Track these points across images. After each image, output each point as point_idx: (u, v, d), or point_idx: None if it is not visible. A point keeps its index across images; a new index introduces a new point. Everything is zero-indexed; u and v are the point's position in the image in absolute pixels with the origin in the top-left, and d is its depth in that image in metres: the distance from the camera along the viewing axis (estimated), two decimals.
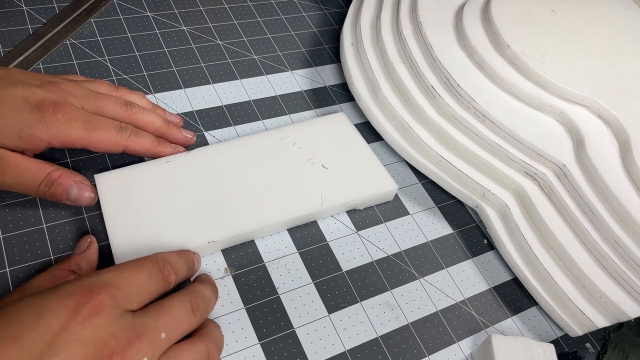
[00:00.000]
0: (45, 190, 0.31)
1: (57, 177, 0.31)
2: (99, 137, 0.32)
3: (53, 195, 0.32)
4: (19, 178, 0.31)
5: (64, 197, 0.32)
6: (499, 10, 0.43)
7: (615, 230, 0.35)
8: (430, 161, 0.40)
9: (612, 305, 0.34)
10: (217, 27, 0.49)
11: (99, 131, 0.32)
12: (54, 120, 0.31)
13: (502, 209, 0.39)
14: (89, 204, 0.33)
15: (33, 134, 0.30)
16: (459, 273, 0.38)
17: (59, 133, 0.31)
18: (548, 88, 0.40)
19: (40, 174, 0.31)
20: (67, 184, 0.32)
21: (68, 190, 0.32)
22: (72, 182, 0.32)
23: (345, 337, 0.33)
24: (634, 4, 0.50)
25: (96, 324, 0.22)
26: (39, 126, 0.30)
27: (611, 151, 0.38)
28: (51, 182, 0.31)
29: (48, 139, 0.31)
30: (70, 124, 0.31)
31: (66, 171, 0.32)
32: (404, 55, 0.43)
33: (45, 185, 0.31)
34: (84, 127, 0.32)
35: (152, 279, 0.26)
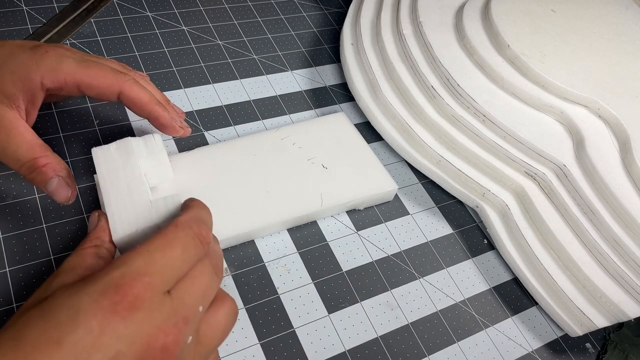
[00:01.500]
0: (26, 173, 0.30)
1: (42, 166, 0.30)
2: (91, 74, 0.31)
3: (33, 180, 0.30)
4: (6, 150, 0.29)
5: (42, 187, 0.30)
6: (499, 10, 0.43)
7: (615, 230, 0.35)
8: (430, 161, 0.40)
9: (612, 305, 0.34)
10: (217, 27, 0.49)
11: (92, 68, 0.31)
12: (46, 57, 0.30)
13: (502, 209, 0.39)
14: (64, 202, 0.31)
15: (25, 76, 0.29)
16: (459, 273, 0.38)
17: (50, 68, 0.30)
18: (548, 88, 0.40)
19: (26, 155, 0.29)
20: (49, 175, 0.30)
21: (48, 182, 0.30)
22: (54, 175, 0.30)
23: (345, 337, 0.33)
24: (634, 4, 0.50)
25: (138, 319, 0.21)
26: (30, 65, 0.29)
27: (611, 151, 0.38)
28: (34, 168, 0.30)
29: (39, 78, 0.30)
30: (62, 60, 0.30)
31: (54, 162, 0.30)
32: (404, 55, 0.43)
33: (27, 168, 0.30)
34: (76, 63, 0.31)
35: (188, 250, 0.24)
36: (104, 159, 0.32)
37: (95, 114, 0.39)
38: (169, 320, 0.22)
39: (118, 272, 0.22)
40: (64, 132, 0.38)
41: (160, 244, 0.23)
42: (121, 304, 0.21)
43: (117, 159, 0.32)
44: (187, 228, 0.25)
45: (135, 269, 0.22)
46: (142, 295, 0.21)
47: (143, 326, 0.21)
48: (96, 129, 0.39)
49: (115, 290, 0.21)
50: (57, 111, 0.39)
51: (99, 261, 0.26)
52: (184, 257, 0.24)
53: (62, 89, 0.31)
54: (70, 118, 0.39)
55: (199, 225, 0.25)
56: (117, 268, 0.22)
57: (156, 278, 0.22)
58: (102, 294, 0.21)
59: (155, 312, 0.22)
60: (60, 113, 0.39)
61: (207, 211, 0.28)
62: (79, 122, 0.39)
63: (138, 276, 0.22)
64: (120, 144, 0.32)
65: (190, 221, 0.25)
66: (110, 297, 0.21)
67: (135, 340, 0.21)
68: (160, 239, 0.24)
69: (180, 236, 0.24)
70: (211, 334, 0.24)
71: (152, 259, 0.23)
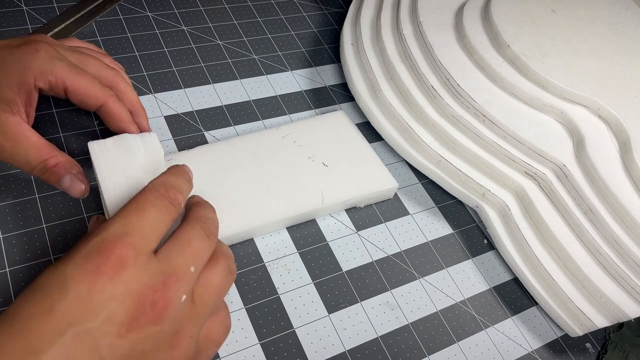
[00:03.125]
0: (39, 175, 0.31)
1: (53, 166, 0.31)
2: (81, 82, 0.32)
3: (47, 180, 0.32)
4: (16, 156, 0.30)
5: (57, 185, 0.32)
6: (499, 10, 0.43)
7: (615, 230, 0.35)
8: (430, 161, 0.40)
9: (612, 305, 0.34)
10: (217, 27, 0.49)
11: (83, 77, 0.32)
12: (37, 57, 0.31)
13: (502, 209, 0.39)
14: (80, 196, 0.32)
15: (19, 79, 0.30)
16: (459, 273, 0.38)
17: (42, 70, 0.31)
18: (548, 88, 0.40)
19: (36, 158, 0.31)
20: (61, 174, 0.31)
21: (61, 180, 0.31)
22: (66, 173, 0.31)
23: (345, 337, 0.33)
24: (634, 4, 0.50)
25: (125, 278, 0.22)
26: (21, 67, 0.30)
27: (611, 151, 0.38)
28: (46, 169, 0.31)
29: (32, 80, 0.31)
30: (54, 62, 0.31)
31: (63, 160, 0.31)
32: (404, 55, 0.43)
33: (39, 170, 0.31)
34: (68, 68, 0.32)
35: (160, 211, 0.25)
36: (101, 153, 0.32)
37: (95, 114, 0.39)
38: (157, 278, 0.22)
39: (99, 238, 0.22)
40: (64, 132, 0.38)
41: (133, 208, 0.24)
42: (106, 265, 0.21)
43: (114, 154, 0.32)
44: (155, 191, 0.25)
45: (114, 232, 0.23)
46: (126, 254, 0.22)
47: (131, 284, 0.22)
48: (96, 129, 0.39)
49: (98, 254, 0.22)
50: (57, 111, 0.39)
51: None
52: (158, 217, 0.24)
53: (51, 89, 0.32)
54: (70, 118, 0.39)
55: (167, 188, 0.26)
56: (97, 235, 0.23)
57: (136, 238, 0.23)
58: (86, 259, 0.22)
59: (141, 270, 0.22)
60: (60, 113, 0.39)
61: (180, 176, 0.28)
62: (79, 122, 0.39)
63: (118, 238, 0.22)
64: (117, 139, 0.33)
65: (158, 185, 0.26)
66: (94, 260, 0.22)
67: (125, 298, 0.21)
68: (132, 204, 0.25)
69: (150, 199, 0.25)
70: (206, 293, 0.25)
71: (128, 221, 0.23)
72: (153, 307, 0.22)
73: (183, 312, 0.23)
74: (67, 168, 0.31)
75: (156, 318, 0.22)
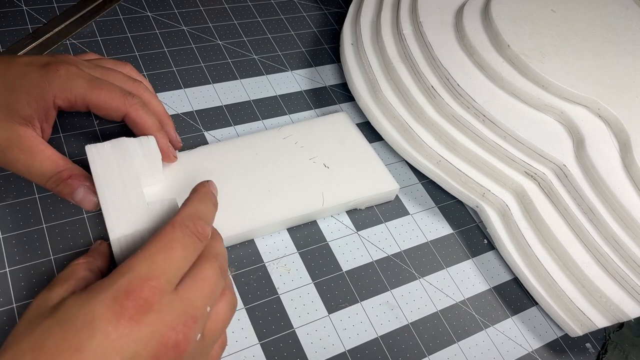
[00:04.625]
0: (53, 187, 0.32)
1: (67, 178, 0.31)
2: (100, 96, 0.32)
3: (60, 193, 0.32)
4: (30, 168, 0.31)
5: (69, 198, 0.32)
6: (499, 10, 0.43)
7: (615, 230, 0.35)
8: (430, 161, 0.40)
9: (612, 305, 0.34)
10: (217, 27, 0.49)
11: (102, 90, 0.32)
12: (57, 76, 0.31)
13: (502, 209, 0.39)
14: (93, 209, 0.33)
15: (39, 96, 0.31)
16: (459, 273, 0.38)
17: (61, 88, 0.31)
18: (548, 88, 0.40)
19: (51, 170, 0.31)
20: (75, 186, 0.32)
21: (74, 192, 0.32)
22: (80, 185, 0.32)
23: (345, 337, 0.33)
24: (634, 4, 0.50)
25: (150, 321, 0.22)
26: (42, 85, 0.31)
27: (611, 151, 0.38)
28: (60, 181, 0.31)
29: (52, 97, 0.31)
30: (73, 80, 0.32)
31: (77, 173, 0.32)
32: (404, 55, 0.43)
33: (53, 182, 0.31)
34: (87, 84, 0.32)
35: (187, 249, 0.25)
36: (98, 157, 0.32)
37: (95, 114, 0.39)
38: (179, 319, 0.23)
39: (125, 279, 0.23)
40: (64, 132, 0.38)
41: (161, 247, 0.24)
42: (133, 308, 0.22)
43: (111, 158, 0.32)
44: (183, 227, 0.26)
45: (140, 274, 0.23)
46: (151, 298, 0.23)
47: (155, 326, 0.22)
48: (96, 129, 0.39)
49: (125, 296, 0.22)
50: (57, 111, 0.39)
51: (90, 274, 0.28)
52: (185, 255, 0.25)
53: (72, 107, 0.33)
54: (70, 118, 0.39)
55: (195, 222, 0.26)
56: (124, 275, 0.23)
57: (161, 280, 0.23)
58: (114, 300, 0.22)
59: (165, 312, 0.23)
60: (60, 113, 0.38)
61: (208, 203, 0.28)
62: (79, 122, 0.39)
63: (144, 281, 0.23)
64: (115, 143, 0.33)
65: (186, 219, 0.26)
66: (121, 302, 0.22)
67: (149, 340, 0.22)
68: (159, 241, 0.25)
69: (178, 236, 0.25)
70: (213, 328, 0.26)
71: (154, 263, 0.24)
72: (175, 349, 0.23)
73: (197, 348, 0.24)
74: (81, 180, 0.32)
75: (177, 358, 0.23)
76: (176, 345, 0.23)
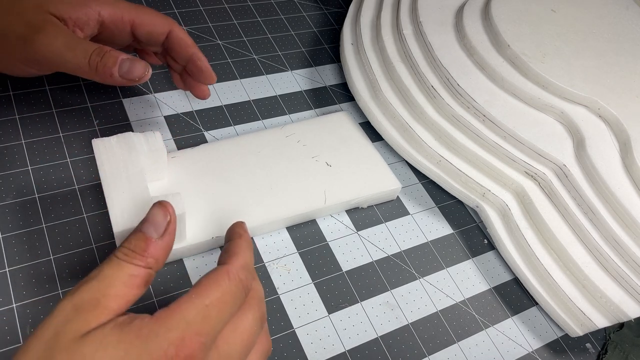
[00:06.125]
0: (96, 60, 0.30)
1: (110, 50, 0.31)
2: (146, 11, 0.34)
3: (105, 66, 0.30)
4: (68, 46, 0.30)
5: (115, 70, 0.31)
6: (499, 10, 0.43)
7: (615, 230, 0.35)
8: (430, 161, 0.40)
9: (613, 306, 0.34)
10: (217, 27, 0.49)
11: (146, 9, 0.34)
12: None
13: (502, 209, 0.39)
14: (140, 77, 0.31)
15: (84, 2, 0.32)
16: (459, 273, 0.38)
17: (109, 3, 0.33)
18: (548, 88, 0.40)
19: (92, 46, 0.31)
20: (119, 56, 0.31)
21: (120, 63, 0.31)
22: (124, 56, 0.31)
23: (345, 337, 0.33)
24: (634, 4, 0.50)
25: None
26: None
27: (611, 151, 0.38)
28: (103, 52, 0.30)
29: (98, 9, 0.32)
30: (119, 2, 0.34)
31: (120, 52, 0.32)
32: (404, 55, 0.43)
33: (97, 54, 0.30)
34: (134, 6, 0.34)
35: (236, 302, 0.24)
36: (104, 151, 0.32)
37: (95, 114, 0.39)
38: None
39: (179, 332, 0.22)
40: (64, 132, 0.38)
41: (216, 300, 0.23)
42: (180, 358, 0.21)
43: (117, 152, 0.32)
44: (237, 280, 0.25)
45: (194, 329, 0.22)
46: (197, 355, 0.22)
47: None
48: (96, 129, 0.39)
49: (176, 352, 0.21)
50: (57, 111, 0.39)
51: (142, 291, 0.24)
52: (233, 310, 0.24)
53: (116, 25, 0.33)
54: (70, 118, 0.39)
55: (246, 274, 0.25)
56: (178, 325, 0.22)
57: (210, 337, 0.23)
58: (163, 354, 0.21)
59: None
60: (60, 113, 0.39)
61: (252, 249, 0.28)
62: (79, 122, 0.39)
63: (196, 337, 0.22)
64: (121, 137, 0.33)
65: (240, 271, 0.25)
66: (170, 356, 0.21)
67: None
68: (216, 291, 0.24)
69: (233, 290, 0.24)
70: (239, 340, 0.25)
71: (209, 316, 0.23)
72: None
73: None
74: (123, 55, 0.31)
75: None
76: None
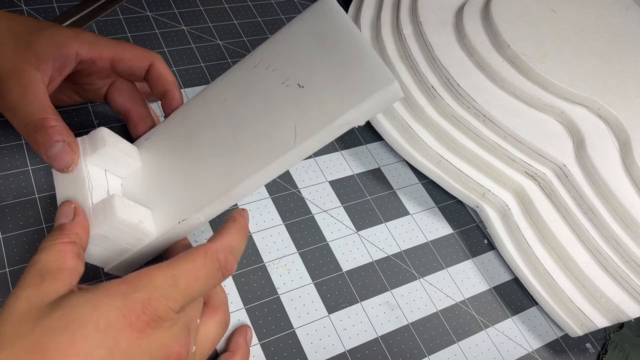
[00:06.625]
0: (29, 132, 0.29)
1: (49, 126, 0.28)
2: (125, 47, 0.33)
3: (35, 141, 0.29)
4: (18, 104, 0.29)
5: (43, 149, 0.29)
6: (499, 10, 0.43)
7: (615, 230, 0.35)
8: (430, 161, 0.40)
9: (613, 306, 0.34)
10: (217, 27, 0.49)
11: (126, 44, 0.34)
12: (85, 32, 0.32)
13: (502, 209, 0.39)
14: (63, 169, 0.29)
15: (62, 42, 0.31)
16: (459, 273, 0.38)
17: (87, 41, 0.32)
18: (548, 88, 0.40)
19: (37, 114, 0.29)
20: (54, 138, 0.28)
21: (51, 144, 0.28)
22: (60, 139, 0.28)
23: (345, 337, 0.33)
24: (634, 4, 0.50)
25: (160, 335, 0.23)
26: (69, 34, 0.32)
27: (611, 151, 0.38)
28: (40, 127, 0.28)
29: (76, 48, 0.31)
30: (99, 37, 0.33)
31: (63, 128, 0.29)
32: (404, 55, 0.43)
33: (33, 126, 0.28)
34: (113, 41, 0.33)
35: (209, 282, 0.25)
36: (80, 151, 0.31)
37: (95, 114, 0.39)
38: (181, 333, 0.24)
39: (145, 292, 0.23)
40: None
41: (186, 270, 0.24)
42: (146, 322, 0.22)
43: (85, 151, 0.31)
44: (214, 260, 0.25)
45: (160, 293, 0.23)
46: (165, 316, 0.23)
47: (163, 340, 0.23)
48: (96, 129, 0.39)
49: (142, 309, 0.22)
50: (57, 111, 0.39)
51: (79, 262, 0.25)
52: (204, 288, 0.25)
53: (94, 62, 0.32)
54: (70, 118, 0.39)
55: (227, 257, 0.26)
56: (144, 287, 0.23)
57: (177, 303, 0.24)
58: (131, 310, 0.22)
59: (173, 327, 0.23)
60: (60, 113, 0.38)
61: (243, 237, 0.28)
62: (79, 122, 0.39)
63: (162, 299, 0.23)
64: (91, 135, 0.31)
65: (220, 251, 0.25)
66: (138, 315, 0.22)
67: (156, 352, 0.23)
68: (188, 264, 0.24)
69: (207, 267, 0.25)
70: (204, 344, 0.27)
71: (176, 285, 0.24)
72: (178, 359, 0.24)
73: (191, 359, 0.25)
74: (63, 134, 0.29)
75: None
76: (178, 356, 0.23)
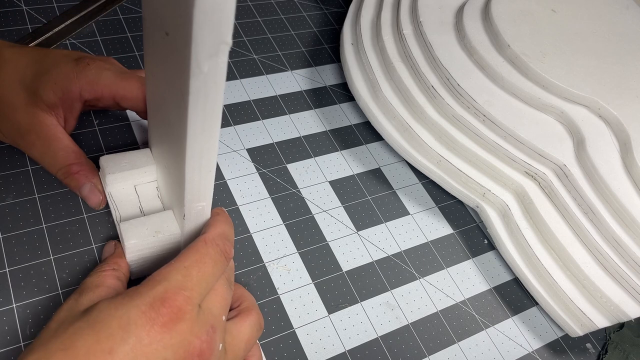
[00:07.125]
0: (61, 178, 0.33)
1: (75, 173, 0.32)
2: (127, 86, 0.33)
3: (68, 185, 0.33)
4: (44, 155, 0.32)
5: (77, 192, 0.33)
6: (499, 10, 0.43)
7: (615, 230, 0.35)
8: (430, 161, 0.40)
9: (613, 306, 0.34)
10: None
11: (128, 81, 0.33)
12: (87, 69, 0.33)
13: (502, 209, 0.39)
14: (95, 207, 0.33)
15: (66, 86, 0.32)
16: (459, 273, 0.38)
17: (90, 81, 0.32)
18: (548, 88, 0.40)
19: (62, 162, 0.32)
20: (82, 182, 0.32)
21: (81, 187, 0.32)
22: (86, 182, 0.32)
23: (345, 337, 0.33)
24: (634, 4, 0.50)
25: (180, 329, 0.23)
26: (71, 76, 0.32)
27: (611, 151, 0.38)
28: (68, 174, 0.32)
29: (78, 90, 0.32)
30: (101, 73, 0.33)
31: (87, 169, 0.33)
32: (404, 55, 0.43)
33: (63, 174, 0.32)
34: (114, 77, 0.33)
35: (217, 266, 0.26)
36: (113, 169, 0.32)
37: (95, 114, 0.39)
38: (203, 329, 0.24)
39: (162, 287, 0.24)
40: None
41: (195, 261, 0.25)
42: (167, 315, 0.23)
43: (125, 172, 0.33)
44: (214, 245, 0.27)
45: (176, 284, 0.24)
46: (184, 308, 0.23)
47: (184, 335, 0.23)
48: (96, 129, 0.39)
49: (161, 303, 0.23)
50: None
51: (118, 282, 0.28)
52: (214, 271, 0.26)
53: (99, 100, 0.34)
54: None
55: (224, 242, 0.27)
56: (160, 283, 0.24)
57: (194, 292, 0.24)
58: (150, 306, 0.23)
59: (194, 322, 0.24)
60: None
61: (231, 226, 0.29)
62: (79, 122, 0.39)
63: (179, 290, 0.24)
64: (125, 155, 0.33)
65: (217, 238, 0.27)
66: (157, 309, 0.23)
67: (178, 348, 0.23)
68: (194, 254, 0.26)
69: (211, 252, 0.26)
70: (236, 344, 0.27)
71: (189, 274, 0.25)
72: (200, 356, 0.24)
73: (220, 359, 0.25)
74: (88, 177, 0.32)
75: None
76: (201, 354, 0.24)
